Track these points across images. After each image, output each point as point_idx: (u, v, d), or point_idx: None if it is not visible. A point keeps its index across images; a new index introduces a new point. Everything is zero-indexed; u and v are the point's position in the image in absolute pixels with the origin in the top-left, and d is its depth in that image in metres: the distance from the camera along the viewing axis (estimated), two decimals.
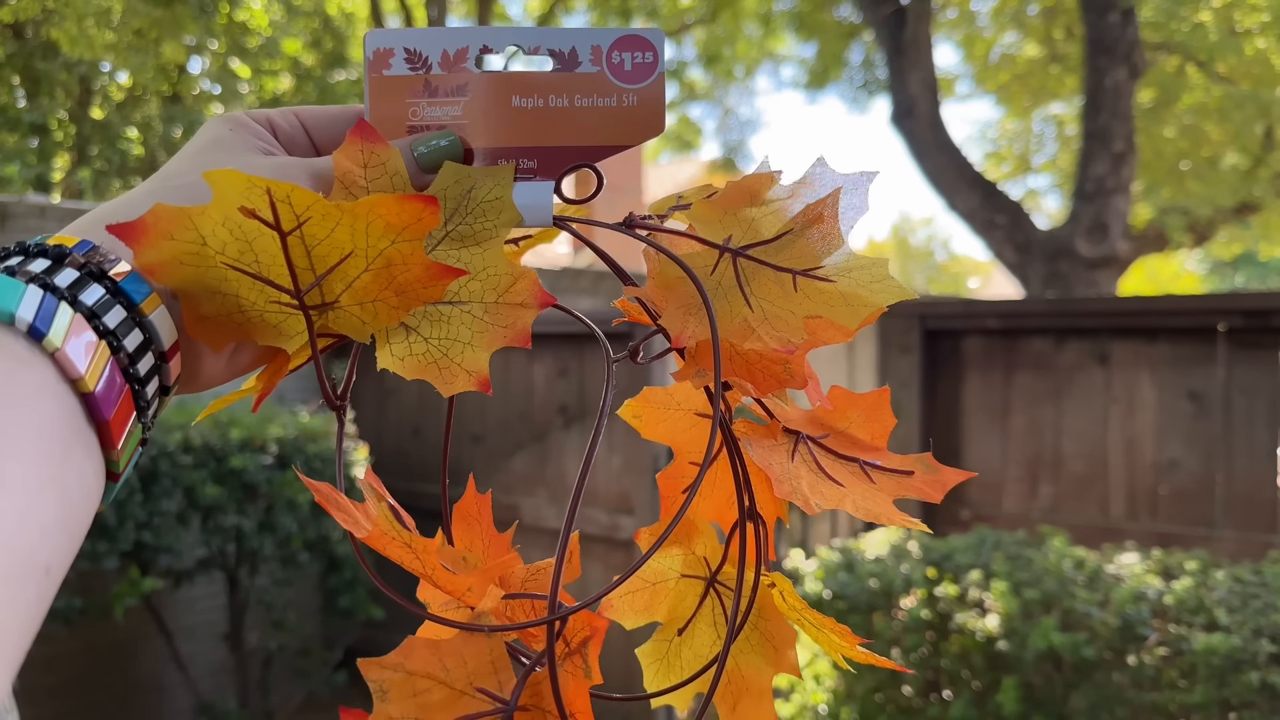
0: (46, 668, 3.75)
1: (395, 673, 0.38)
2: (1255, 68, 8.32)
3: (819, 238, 0.44)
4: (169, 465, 3.42)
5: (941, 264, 25.54)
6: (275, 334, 0.41)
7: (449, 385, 0.43)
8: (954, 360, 3.40)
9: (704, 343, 0.44)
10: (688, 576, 0.49)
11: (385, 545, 0.41)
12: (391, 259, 0.39)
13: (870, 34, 9.03)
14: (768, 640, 0.48)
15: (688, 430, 0.49)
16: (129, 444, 0.38)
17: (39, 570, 0.31)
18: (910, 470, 0.46)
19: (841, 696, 2.52)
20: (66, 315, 0.35)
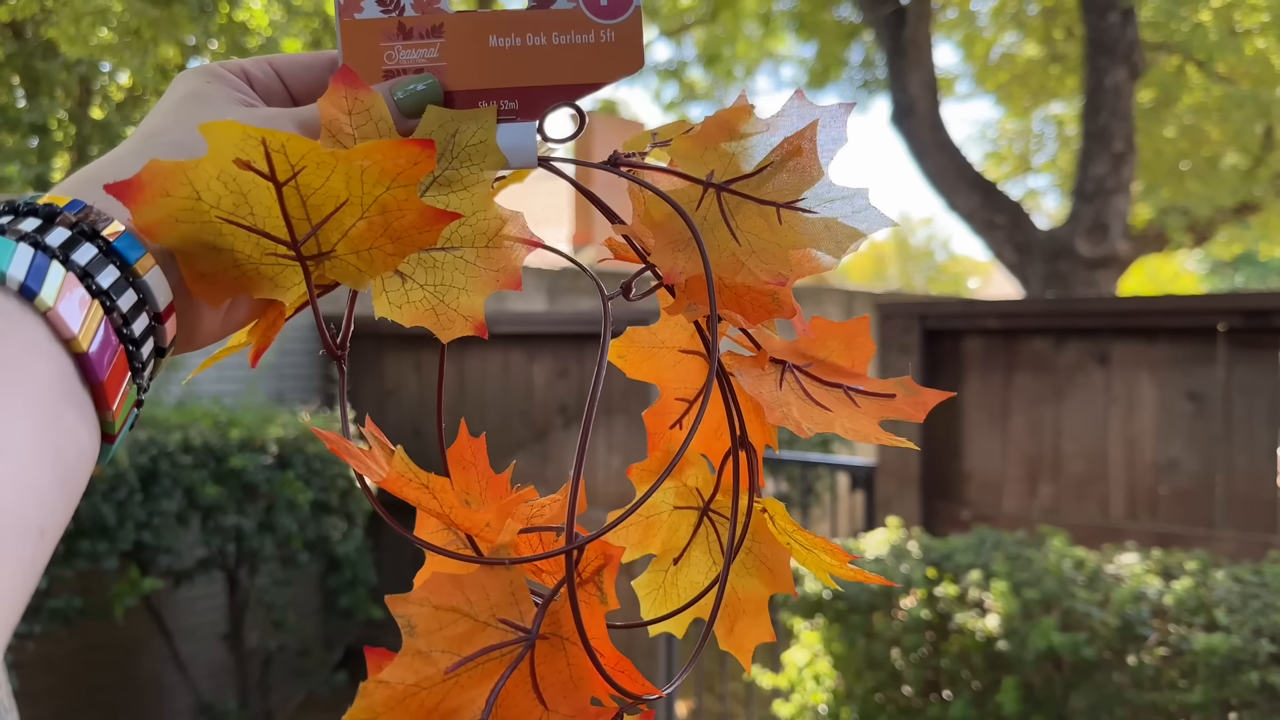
0: (46, 668, 3.75)
1: (422, 607, 0.38)
2: (1255, 68, 8.32)
3: (799, 170, 0.44)
4: (169, 465, 3.42)
5: (941, 264, 25.54)
6: (271, 286, 0.41)
7: (447, 330, 0.44)
8: (954, 360, 3.40)
9: (694, 277, 0.45)
10: (680, 508, 0.50)
11: (402, 488, 0.41)
12: (386, 205, 0.39)
13: (870, 34, 9.03)
14: (762, 563, 0.49)
15: (673, 367, 0.50)
16: (124, 405, 0.37)
17: (33, 532, 0.31)
18: (892, 393, 0.48)
19: (841, 696, 2.52)
20: (58, 274, 0.34)
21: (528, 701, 0.39)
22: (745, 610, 0.50)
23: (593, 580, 0.41)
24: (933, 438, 3.41)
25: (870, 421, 0.47)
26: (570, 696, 0.39)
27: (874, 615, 2.47)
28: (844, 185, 0.45)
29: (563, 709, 0.39)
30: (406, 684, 0.37)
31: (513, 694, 0.39)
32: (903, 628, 2.39)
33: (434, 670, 0.38)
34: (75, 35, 4.01)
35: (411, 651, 0.38)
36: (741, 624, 0.50)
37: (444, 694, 0.38)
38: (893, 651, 2.43)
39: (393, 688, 0.37)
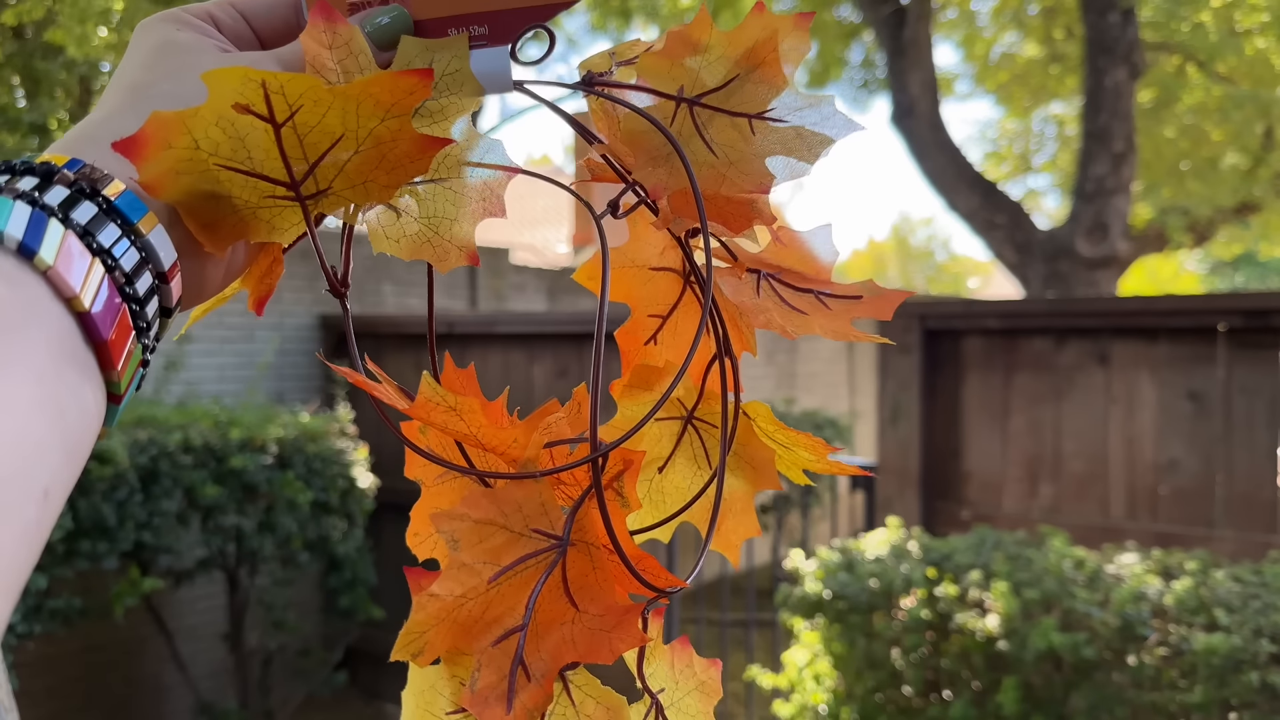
0: (46, 668, 3.75)
1: (463, 522, 0.40)
2: (1255, 68, 8.32)
3: (764, 81, 0.45)
4: (169, 465, 3.42)
5: (941, 264, 25.54)
6: (269, 229, 0.42)
7: (443, 261, 0.46)
8: (954, 360, 3.40)
9: (677, 191, 0.46)
10: (662, 419, 0.52)
11: (429, 413, 0.43)
12: (380, 137, 0.39)
13: (870, 34, 9.03)
14: (747, 462, 0.51)
15: (644, 286, 0.51)
16: (129, 365, 0.37)
17: (37, 492, 0.31)
18: (859, 295, 0.50)
19: (841, 696, 2.52)
20: (58, 232, 0.34)
21: (561, 605, 0.41)
22: (732, 509, 0.52)
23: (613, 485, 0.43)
24: (933, 438, 3.41)
25: (844, 321, 0.49)
26: (598, 598, 0.41)
27: (874, 615, 2.47)
28: (811, 93, 0.46)
29: (593, 609, 0.41)
30: (455, 595, 0.39)
31: (547, 599, 0.41)
32: (903, 628, 2.39)
33: (478, 581, 0.40)
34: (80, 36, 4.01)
35: (456, 564, 0.39)
36: (729, 522, 0.52)
37: (487, 603, 0.40)
38: (893, 651, 2.43)
39: (443, 600, 0.39)
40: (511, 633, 0.40)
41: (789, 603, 2.63)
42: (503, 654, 0.40)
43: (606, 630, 0.40)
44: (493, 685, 0.39)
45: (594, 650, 0.40)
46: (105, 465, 3.21)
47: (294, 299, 4.83)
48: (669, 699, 0.47)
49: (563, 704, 0.43)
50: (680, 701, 0.47)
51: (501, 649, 0.40)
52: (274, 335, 4.79)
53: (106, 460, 3.22)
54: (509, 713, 0.39)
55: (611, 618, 0.41)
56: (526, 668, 0.40)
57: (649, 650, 0.46)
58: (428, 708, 0.43)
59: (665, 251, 0.50)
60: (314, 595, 4.64)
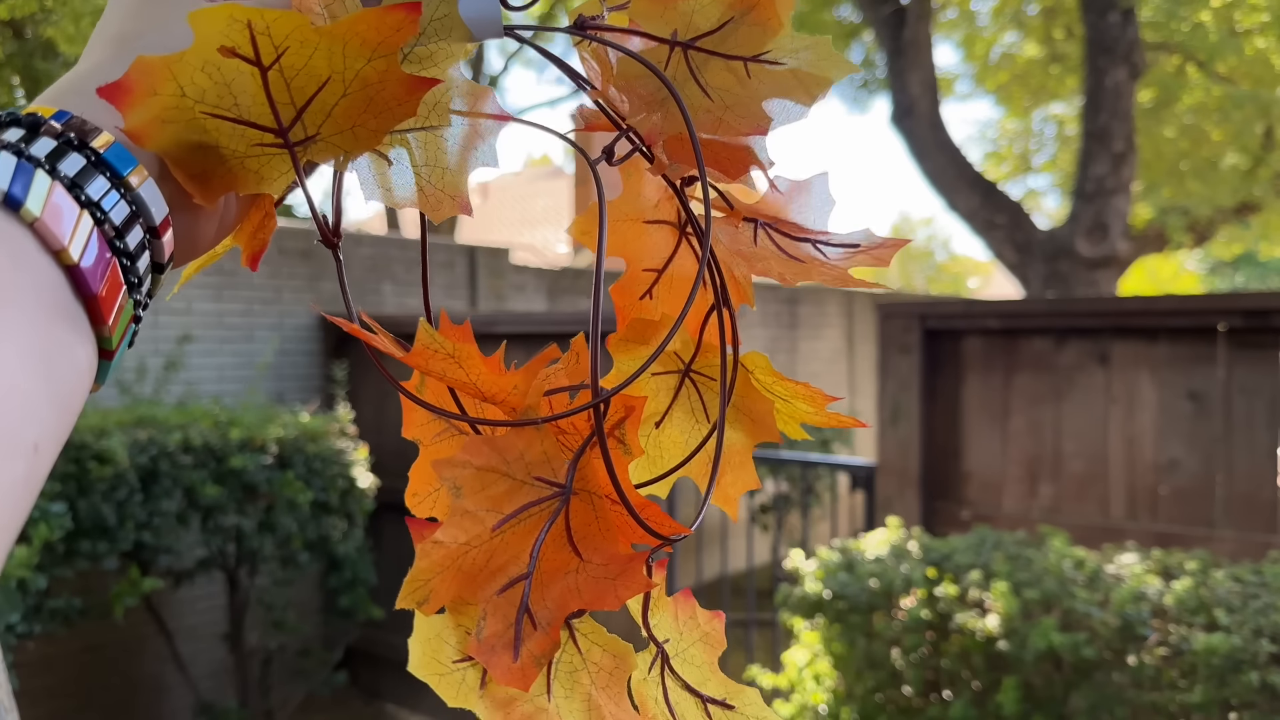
0: (46, 668, 3.75)
1: (465, 469, 0.40)
2: (1255, 68, 8.32)
3: (759, 23, 0.45)
4: (169, 465, 3.42)
5: (941, 264, 25.54)
6: (256, 179, 0.41)
7: (436, 210, 0.46)
8: (954, 360, 3.40)
9: (672, 137, 0.45)
10: (659, 374, 0.51)
11: (427, 361, 0.42)
12: (368, 79, 0.38)
13: (870, 34, 9.03)
14: (746, 414, 0.51)
15: (638, 239, 0.51)
16: (121, 320, 0.36)
17: (26, 447, 0.30)
18: (856, 244, 0.49)
19: (841, 696, 2.52)
20: (44, 183, 0.33)
21: (564, 554, 0.41)
22: (731, 462, 0.51)
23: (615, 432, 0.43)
24: (933, 438, 3.41)
25: (842, 269, 0.49)
26: (601, 547, 0.41)
27: (874, 615, 2.47)
28: (806, 35, 0.46)
29: (596, 558, 0.41)
30: (459, 542, 0.39)
31: (551, 548, 0.41)
32: (903, 628, 2.39)
33: (482, 528, 0.39)
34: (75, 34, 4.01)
35: (459, 512, 0.39)
36: (728, 475, 0.51)
37: (491, 551, 0.40)
38: (893, 651, 2.43)
39: (447, 547, 0.39)
40: (516, 581, 0.40)
41: (789, 603, 2.63)
42: (508, 602, 0.40)
43: (611, 578, 0.40)
44: (499, 633, 0.39)
45: (599, 598, 0.40)
46: (105, 465, 3.21)
47: (294, 299, 4.83)
48: (674, 649, 0.47)
49: (570, 652, 0.44)
50: (685, 652, 0.47)
51: (506, 597, 0.40)
52: (274, 335, 4.79)
53: (106, 460, 3.22)
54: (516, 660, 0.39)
55: (616, 566, 0.41)
56: (532, 615, 0.40)
57: (653, 602, 0.46)
58: (434, 655, 0.43)
59: (660, 204, 0.50)
60: (314, 595, 4.64)
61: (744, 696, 0.47)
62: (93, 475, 3.19)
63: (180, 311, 4.49)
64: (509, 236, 15.48)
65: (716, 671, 0.47)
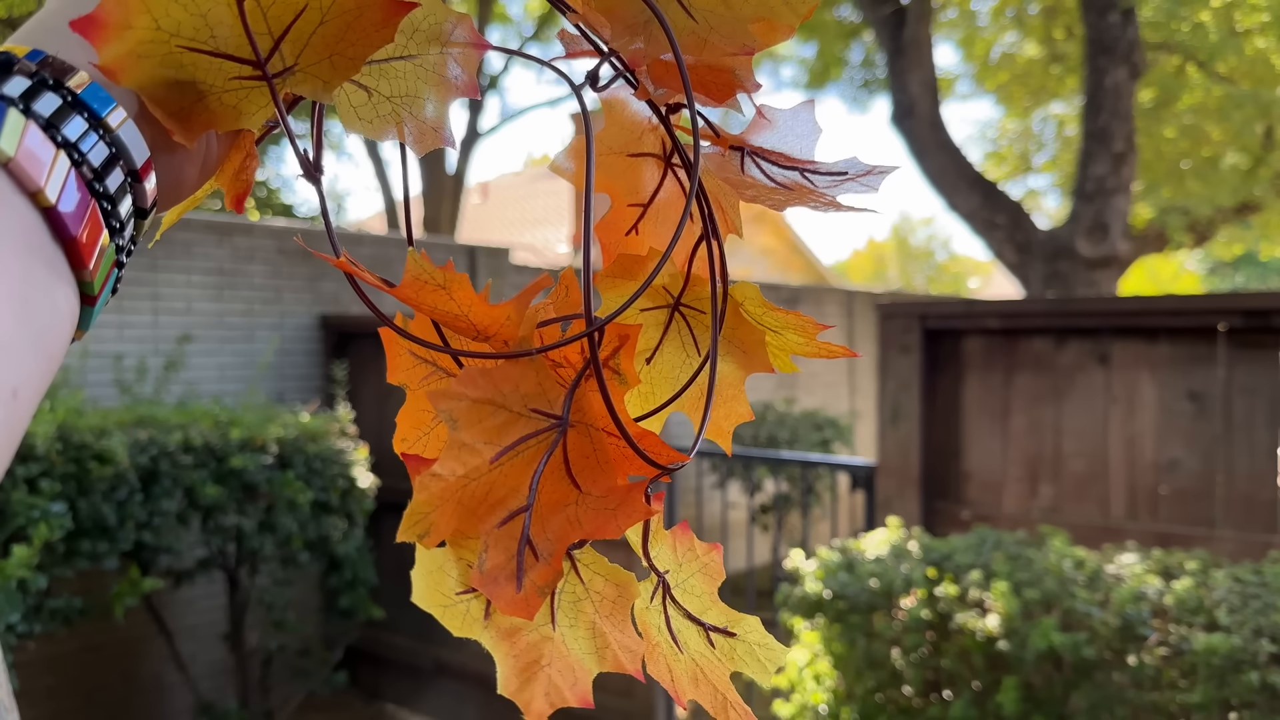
0: (46, 668, 3.75)
1: (461, 401, 0.39)
2: (1255, 68, 8.32)
3: None
4: (169, 465, 3.42)
5: (941, 264, 25.54)
6: (234, 115, 0.40)
7: (420, 143, 0.45)
8: (954, 360, 3.40)
9: (656, 61, 0.44)
10: (648, 309, 0.50)
11: (419, 293, 0.42)
12: (345, 5, 0.38)
13: (870, 34, 9.03)
14: (737, 346, 0.50)
15: (623, 174, 0.50)
16: (102, 264, 0.35)
17: (5, 392, 0.29)
18: (844, 171, 0.49)
19: (841, 696, 2.52)
20: (18, 123, 0.32)
21: (563, 486, 0.41)
22: (723, 394, 0.51)
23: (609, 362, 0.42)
24: (933, 438, 3.41)
25: (830, 196, 0.48)
26: (600, 479, 0.41)
27: (874, 615, 2.47)
28: None
29: (595, 490, 0.41)
30: (457, 475, 0.39)
31: (549, 480, 0.41)
32: (903, 628, 2.39)
33: (480, 461, 0.39)
34: None
35: (456, 444, 0.39)
36: (721, 409, 0.51)
37: (490, 484, 0.39)
38: (893, 651, 2.43)
39: (445, 480, 0.38)
40: (516, 514, 0.40)
41: (789, 603, 2.63)
42: (508, 535, 0.40)
43: (611, 509, 0.40)
44: (501, 565, 0.39)
45: (600, 527, 0.40)
46: (105, 465, 3.21)
47: (294, 299, 4.83)
48: (674, 580, 0.47)
49: (572, 581, 0.44)
50: (685, 582, 0.47)
51: (507, 530, 0.40)
52: (274, 335, 4.79)
53: (106, 460, 3.22)
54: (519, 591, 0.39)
55: (615, 497, 0.40)
56: (534, 547, 0.40)
57: (652, 534, 0.46)
58: (437, 587, 0.43)
59: (644, 136, 0.49)
60: (314, 595, 4.64)
61: (744, 625, 0.47)
62: (93, 475, 3.19)
63: (180, 311, 4.49)
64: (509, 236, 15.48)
65: (716, 601, 0.47)
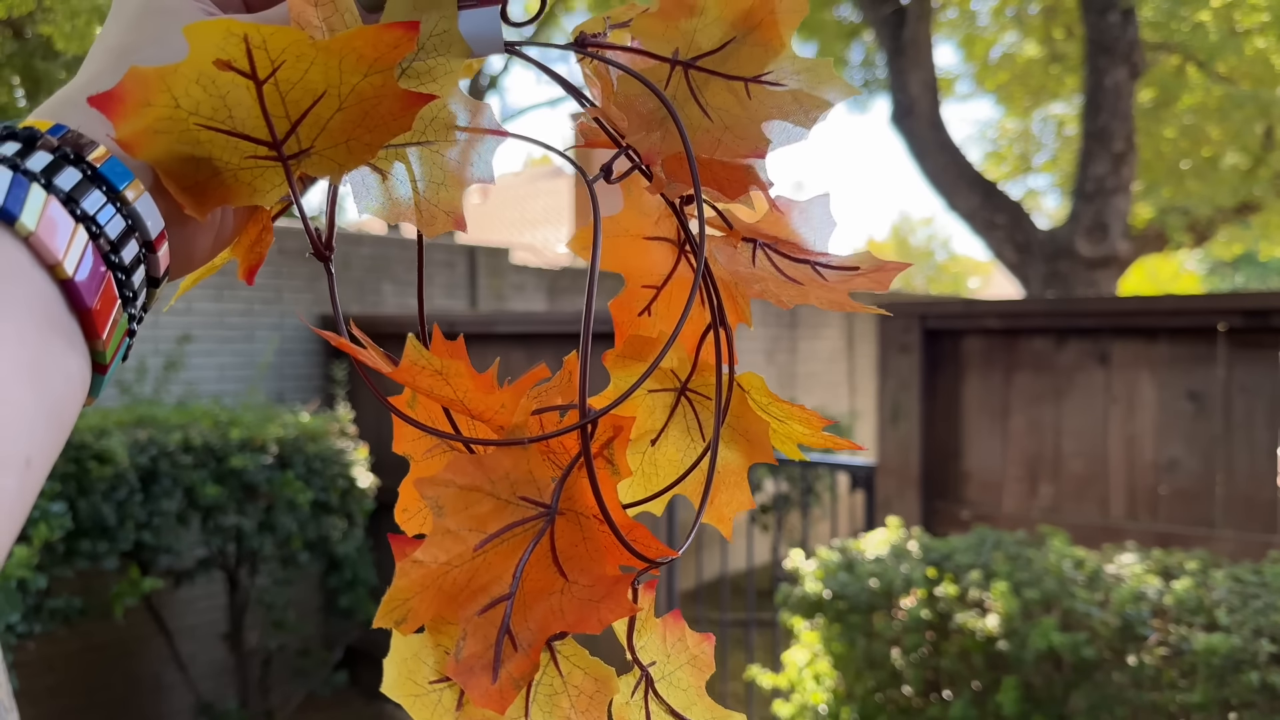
0: (47, 668, 3.75)
1: (448, 488, 0.39)
2: (1255, 68, 8.32)
3: (761, 44, 0.44)
4: (169, 465, 3.41)
5: (941, 264, 25.54)
6: (250, 192, 0.41)
7: (430, 226, 0.45)
8: (954, 360, 3.40)
9: (671, 156, 0.45)
10: (655, 391, 0.51)
11: (415, 376, 0.42)
12: (364, 94, 0.38)
13: (870, 34, 9.03)
14: (741, 434, 0.50)
15: (639, 256, 0.50)
16: (115, 334, 0.36)
17: (19, 461, 0.30)
18: (856, 266, 0.49)
19: (841, 696, 2.52)
20: (39, 198, 0.34)
21: (549, 575, 0.40)
22: (725, 482, 0.51)
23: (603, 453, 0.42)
24: (933, 438, 3.41)
25: (840, 292, 0.48)
26: (588, 568, 0.41)
27: (874, 615, 2.47)
28: (807, 57, 0.45)
29: (582, 580, 0.40)
30: (440, 562, 0.38)
31: (535, 568, 0.40)
32: (903, 628, 2.39)
33: (464, 548, 0.39)
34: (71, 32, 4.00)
35: (441, 531, 0.39)
36: (722, 495, 0.51)
37: (473, 571, 0.39)
38: (893, 651, 2.43)
39: (427, 567, 0.38)
40: (498, 601, 0.39)
41: (789, 603, 2.63)
42: (489, 623, 0.39)
43: (595, 600, 0.40)
44: (478, 654, 0.39)
45: (582, 620, 0.39)
46: (105, 465, 3.21)
47: (294, 299, 4.83)
48: (660, 672, 0.46)
49: (550, 674, 0.43)
50: (672, 675, 0.46)
51: (487, 618, 0.39)
52: (274, 335, 4.79)
53: (106, 460, 3.22)
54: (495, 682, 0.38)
55: (601, 588, 0.40)
56: (513, 637, 0.39)
57: (641, 623, 0.46)
58: (410, 676, 0.42)
59: (660, 220, 0.50)
60: (314, 595, 4.64)
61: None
62: (93, 475, 3.19)
63: (180, 311, 4.49)
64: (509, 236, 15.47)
65: (704, 695, 0.46)
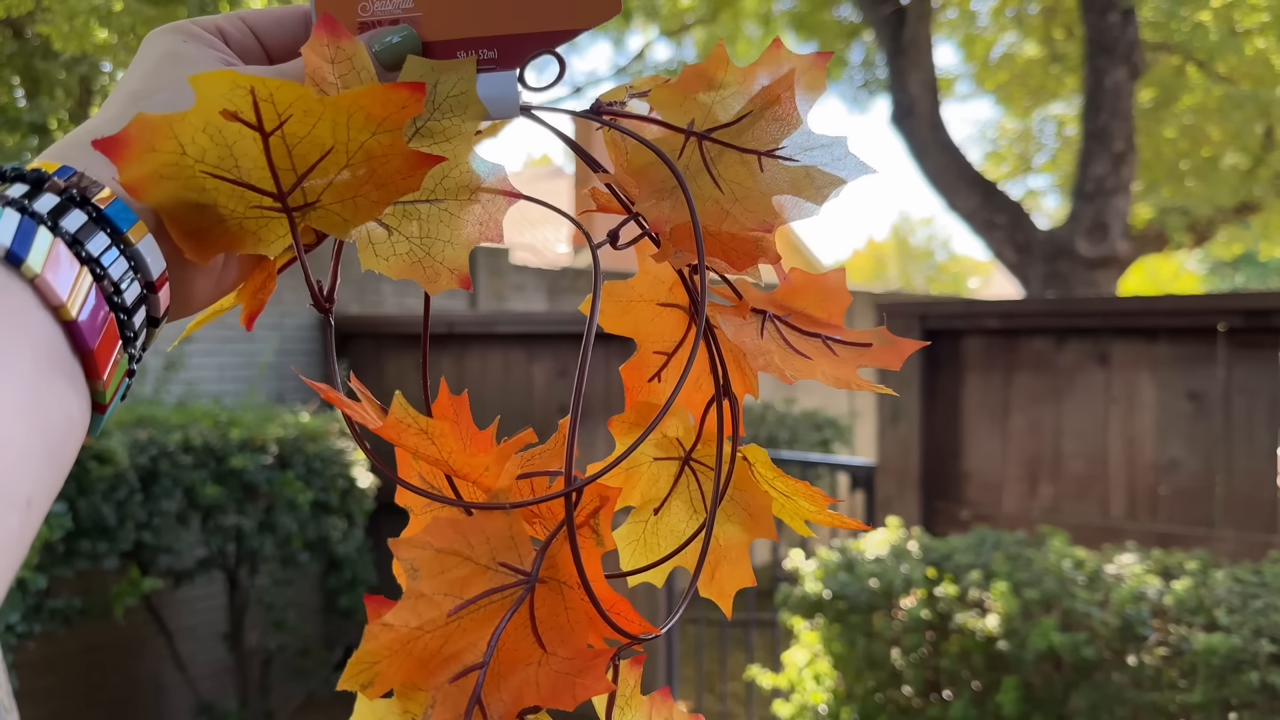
0: (46, 668, 3.75)
1: (425, 551, 0.38)
2: (1255, 68, 8.32)
3: (777, 119, 0.45)
4: (169, 465, 3.41)
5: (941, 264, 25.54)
6: (255, 241, 0.41)
7: (434, 283, 0.45)
8: (954, 360, 3.40)
9: (680, 225, 0.45)
10: (660, 459, 0.50)
11: (400, 434, 0.42)
12: (372, 151, 0.38)
13: (870, 34, 9.03)
14: (744, 509, 0.50)
15: (651, 321, 0.50)
16: (116, 374, 0.37)
17: (20, 501, 0.30)
18: (868, 342, 0.48)
19: (841, 696, 2.52)
20: (46, 240, 0.34)
21: (527, 645, 0.40)
22: (726, 556, 0.50)
23: (589, 523, 0.41)
24: (933, 438, 3.41)
25: (850, 369, 0.48)
26: (568, 640, 0.40)
27: (874, 615, 2.47)
28: (823, 134, 0.45)
29: (561, 651, 0.40)
30: (410, 627, 0.38)
31: (513, 637, 0.39)
32: (903, 628, 2.39)
33: (437, 613, 0.38)
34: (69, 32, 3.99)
35: (414, 595, 0.38)
36: (723, 570, 0.50)
37: (446, 637, 0.38)
38: (893, 651, 2.43)
39: (397, 631, 0.38)
40: (470, 670, 0.38)
41: (789, 603, 2.63)
42: (459, 692, 0.38)
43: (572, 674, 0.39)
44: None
45: (557, 695, 0.38)
46: (105, 465, 3.21)
47: (294, 299, 4.83)
48: None
49: None
50: None
51: (459, 686, 0.38)
52: (274, 335, 4.79)
53: (106, 460, 3.22)
54: None
55: (579, 661, 0.39)
56: (484, 708, 0.38)
57: (624, 700, 0.44)
58: None
59: (674, 287, 0.49)
60: (314, 595, 4.64)
61: None
62: (93, 475, 3.19)
63: None
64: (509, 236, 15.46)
65: None
